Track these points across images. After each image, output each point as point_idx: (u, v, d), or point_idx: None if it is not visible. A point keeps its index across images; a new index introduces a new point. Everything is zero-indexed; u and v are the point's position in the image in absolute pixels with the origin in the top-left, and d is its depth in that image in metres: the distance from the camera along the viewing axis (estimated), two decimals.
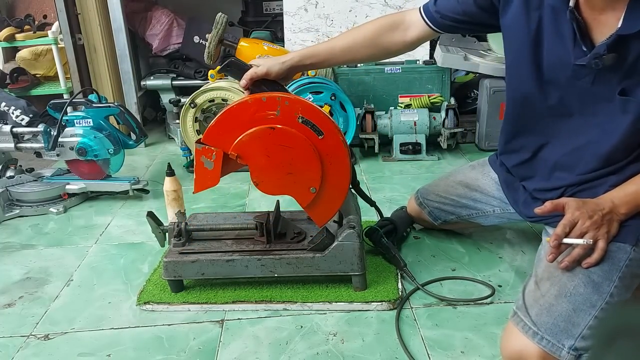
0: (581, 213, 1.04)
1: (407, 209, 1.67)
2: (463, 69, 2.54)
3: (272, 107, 1.21)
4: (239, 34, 2.92)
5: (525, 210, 1.28)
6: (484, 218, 1.49)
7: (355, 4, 2.54)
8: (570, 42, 1.05)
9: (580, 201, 1.08)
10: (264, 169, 1.24)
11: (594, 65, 1.02)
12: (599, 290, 1.01)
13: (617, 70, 1.02)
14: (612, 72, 1.03)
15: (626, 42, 0.98)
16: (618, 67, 1.01)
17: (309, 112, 1.22)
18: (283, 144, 1.22)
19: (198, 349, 1.21)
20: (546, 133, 1.20)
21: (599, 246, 1.03)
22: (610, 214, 1.05)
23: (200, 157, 1.23)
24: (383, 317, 1.29)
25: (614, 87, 1.04)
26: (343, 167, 1.26)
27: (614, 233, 1.05)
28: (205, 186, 1.25)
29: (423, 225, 1.68)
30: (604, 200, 1.07)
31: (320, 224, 1.32)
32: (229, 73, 1.31)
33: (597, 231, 1.04)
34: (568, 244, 1.04)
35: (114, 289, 1.46)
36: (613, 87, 1.04)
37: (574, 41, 1.04)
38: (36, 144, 1.99)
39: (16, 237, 1.80)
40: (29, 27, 3.03)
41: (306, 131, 1.22)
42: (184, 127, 2.24)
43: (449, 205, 1.53)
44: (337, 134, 1.24)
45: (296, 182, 1.25)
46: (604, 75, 1.04)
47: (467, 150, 2.46)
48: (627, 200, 1.06)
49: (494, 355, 1.16)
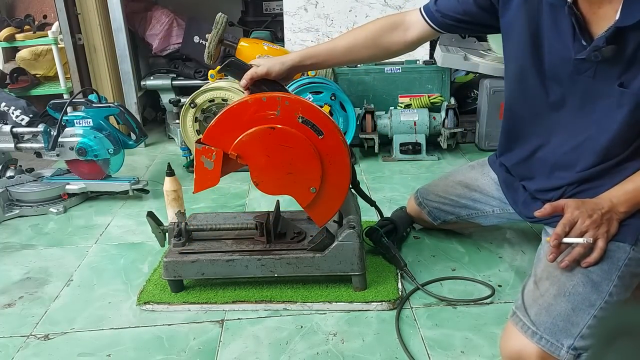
0: (580, 212, 1.05)
1: (406, 208, 1.67)
2: (463, 69, 2.54)
3: (272, 107, 1.21)
4: (239, 34, 2.92)
5: (525, 211, 1.28)
6: (483, 218, 1.49)
7: (355, 4, 2.54)
8: (569, 37, 1.06)
9: (580, 201, 1.08)
10: (264, 169, 1.24)
11: (594, 57, 1.02)
12: (598, 290, 1.01)
13: (617, 63, 1.02)
14: (611, 64, 1.03)
15: (624, 34, 0.99)
16: (617, 60, 1.02)
17: (309, 112, 1.22)
18: (283, 144, 1.22)
19: (198, 349, 1.21)
20: (545, 132, 1.20)
21: (598, 245, 1.03)
22: (610, 212, 1.05)
23: (200, 157, 1.23)
24: (383, 317, 1.29)
25: (613, 81, 1.04)
26: (343, 167, 1.26)
27: (613, 232, 1.05)
28: (205, 186, 1.25)
29: (422, 225, 1.68)
30: (603, 199, 1.07)
31: (320, 224, 1.32)
32: (229, 73, 1.31)
33: (596, 230, 1.04)
34: (568, 243, 1.04)
35: (114, 289, 1.46)
36: (613, 80, 1.04)
37: (574, 36, 1.05)
38: (36, 144, 1.99)
39: (16, 237, 1.80)
40: (29, 27, 3.03)
41: (306, 131, 1.22)
42: (184, 127, 2.24)
43: (448, 205, 1.53)
44: (337, 134, 1.24)
45: (296, 182, 1.25)
46: (604, 69, 1.04)
47: (467, 150, 2.46)
48: (626, 199, 1.06)
49: (493, 355, 1.16)
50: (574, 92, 1.11)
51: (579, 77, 1.08)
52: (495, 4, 1.19)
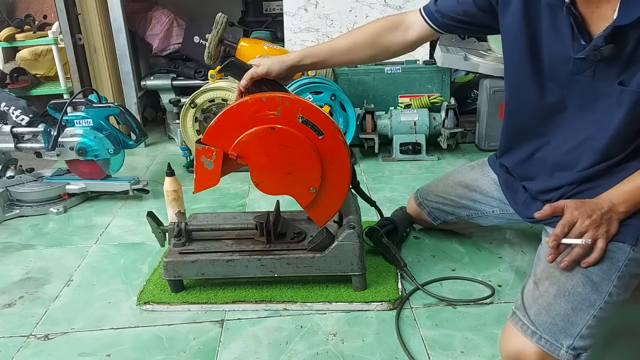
0: (580, 212, 1.05)
1: (406, 208, 1.67)
2: (463, 69, 2.55)
3: (272, 107, 1.21)
4: (239, 34, 2.92)
5: (526, 211, 1.28)
6: (483, 219, 1.49)
7: (355, 4, 2.54)
8: (568, 37, 1.06)
9: (579, 201, 1.08)
10: (264, 169, 1.24)
11: (593, 57, 1.03)
12: (598, 290, 1.01)
13: (616, 62, 1.02)
14: (611, 64, 1.03)
15: (623, 33, 0.99)
16: (617, 59, 1.02)
17: (309, 112, 1.22)
18: (283, 144, 1.22)
19: (198, 349, 1.21)
20: (546, 132, 1.20)
21: (598, 245, 1.03)
22: (609, 212, 1.05)
23: (200, 157, 1.23)
24: (383, 317, 1.29)
25: (613, 80, 1.04)
26: (343, 167, 1.26)
27: (613, 232, 1.05)
28: (205, 186, 1.25)
29: (422, 225, 1.68)
30: (602, 199, 1.07)
31: (320, 224, 1.32)
32: (229, 73, 1.31)
33: (596, 230, 1.04)
34: (567, 244, 1.04)
35: (114, 289, 1.46)
36: (612, 79, 1.04)
37: (573, 36, 1.05)
38: (36, 144, 2.00)
39: (16, 237, 1.80)
40: (29, 27, 3.04)
41: (306, 131, 1.22)
42: (184, 127, 2.24)
43: (448, 206, 1.53)
44: (337, 134, 1.24)
45: (296, 182, 1.25)
46: (603, 68, 1.04)
47: (467, 150, 2.46)
48: (625, 199, 1.06)
49: (493, 355, 1.16)
50: (573, 92, 1.11)
51: (579, 77, 1.08)
52: (495, 6, 1.19)
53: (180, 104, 2.29)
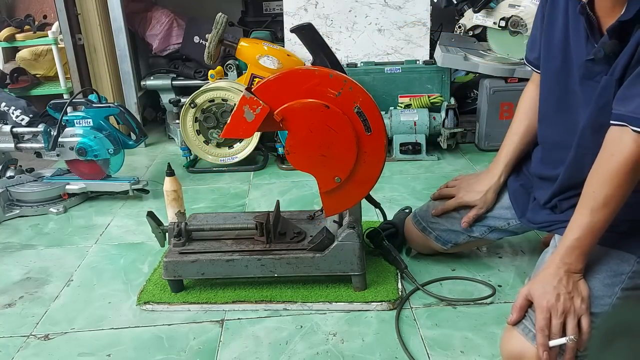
0: (549, 304, 0.98)
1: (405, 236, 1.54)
2: (463, 69, 2.54)
3: (336, 86, 1.18)
4: (239, 34, 2.92)
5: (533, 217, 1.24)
6: (497, 233, 1.38)
7: (355, 4, 2.54)
8: (584, 38, 1.05)
9: (538, 285, 1.02)
10: (301, 142, 1.21)
11: (598, 53, 1.01)
12: (600, 304, 1.01)
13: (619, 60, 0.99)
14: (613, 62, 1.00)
15: (626, 28, 0.97)
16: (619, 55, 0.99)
17: (367, 106, 1.19)
18: (330, 126, 1.19)
19: (198, 349, 1.21)
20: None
21: (583, 329, 0.98)
22: (570, 278, 1.01)
23: (244, 106, 1.18)
24: (383, 317, 1.29)
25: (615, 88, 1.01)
26: (375, 170, 1.25)
27: (586, 294, 1.00)
28: (235, 134, 1.21)
29: (426, 252, 1.52)
30: (555, 264, 1.02)
31: (328, 214, 1.32)
32: (301, 38, 1.25)
33: (572, 305, 0.98)
34: (556, 346, 0.98)
35: (114, 289, 1.46)
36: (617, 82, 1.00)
37: (587, 38, 1.04)
38: (36, 144, 2.00)
39: (16, 237, 1.80)
40: (29, 27, 3.03)
41: (357, 123, 1.20)
42: (183, 127, 2.24)
43: (458, 224, 1.39)
44: (383, 137, 1.22)
45: (325, 165, 1.23)
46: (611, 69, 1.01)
47: (467, 150, 2.46)
48: (577, 255, 1.01)
49: (493, 355, 1.16)
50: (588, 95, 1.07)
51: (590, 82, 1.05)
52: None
53: (180, 104, 2.29)
